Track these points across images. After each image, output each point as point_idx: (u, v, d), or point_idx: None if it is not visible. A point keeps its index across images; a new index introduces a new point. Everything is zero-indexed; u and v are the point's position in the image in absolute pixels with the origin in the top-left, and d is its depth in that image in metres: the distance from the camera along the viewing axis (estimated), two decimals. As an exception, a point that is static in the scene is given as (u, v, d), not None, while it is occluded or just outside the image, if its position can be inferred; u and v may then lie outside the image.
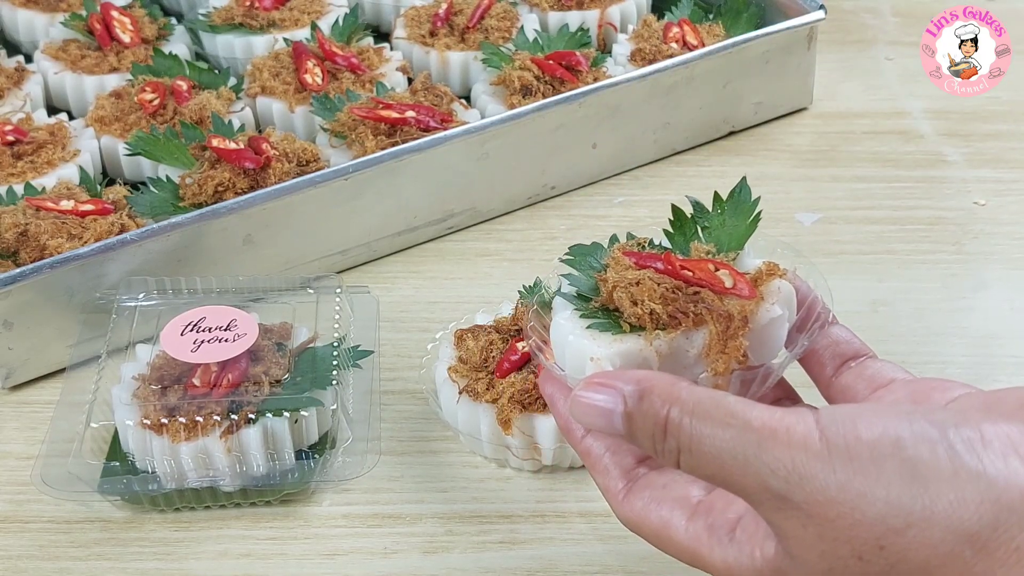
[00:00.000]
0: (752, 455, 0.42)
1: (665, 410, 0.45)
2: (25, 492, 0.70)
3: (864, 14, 1.18)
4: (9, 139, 0.89)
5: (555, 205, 0.93)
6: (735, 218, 0.58)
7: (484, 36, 1.01)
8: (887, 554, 0.41)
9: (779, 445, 0.42)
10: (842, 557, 0.42)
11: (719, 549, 0.47)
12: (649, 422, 0.45)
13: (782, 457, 0.42)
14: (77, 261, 0.76)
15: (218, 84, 0.97)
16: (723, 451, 0.43)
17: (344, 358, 0.72)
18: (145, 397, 0.68)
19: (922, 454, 0.41)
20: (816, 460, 0.41)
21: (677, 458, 0.45)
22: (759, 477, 0.42)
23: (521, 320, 0.72)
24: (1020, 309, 0.83)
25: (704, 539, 0.47)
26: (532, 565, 0.66)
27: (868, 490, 0.41)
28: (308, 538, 0.68)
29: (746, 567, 0.46)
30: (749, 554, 0.45)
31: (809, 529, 0.42)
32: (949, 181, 0.95)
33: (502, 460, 0.71)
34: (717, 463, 0.43)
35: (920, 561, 0.41)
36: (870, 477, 0.41)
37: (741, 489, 0.43)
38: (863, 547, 0.41)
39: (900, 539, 0.40)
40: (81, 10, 1.05)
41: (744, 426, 0.43)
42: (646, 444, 0.46)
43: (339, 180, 0.83)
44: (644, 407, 0.46)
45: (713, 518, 0.48)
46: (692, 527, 0.48)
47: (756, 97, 0.99)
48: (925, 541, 0.40)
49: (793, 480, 0.42)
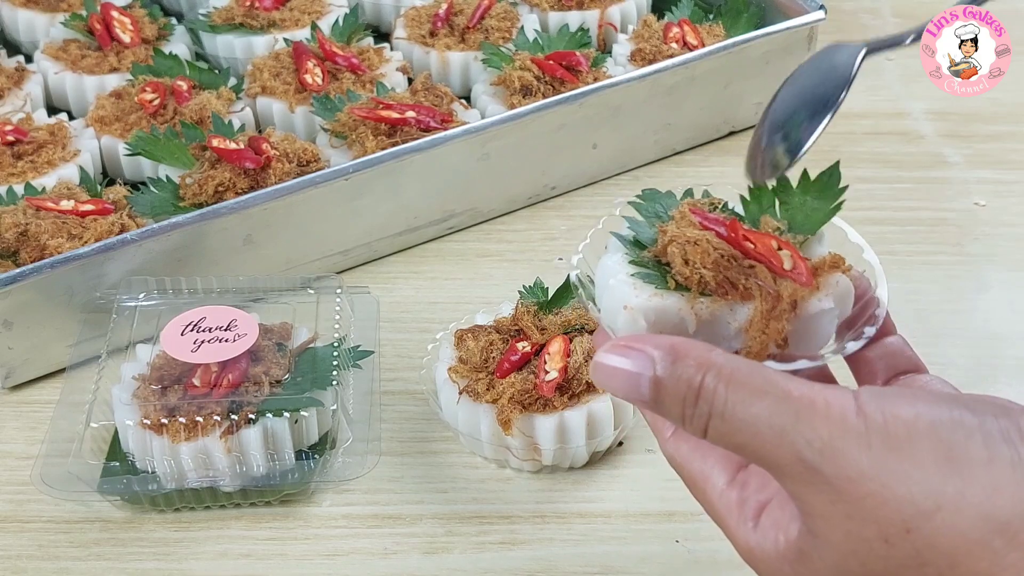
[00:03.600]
0: (789, 425, 0.41)
1: (700, 376, 0.43)
2: (25, 492, 0.70)
3: (864, 14, 1.18)
4: (9, 139, 0.89)
5: (555, 205, 0.93)
6: (817, 201, 0.55)
7: (484, 36, 1.01)
8: (913, 538, 0.40)
9: (817, 417, 0.41)
10: (867, 539, 0.41)
11: (743, 531, 0.46)
12: (682, 387, 0.43)
13: (819, 429, 0.41)
14: (77, 261, 0.76)
15: (218, 84, 0.97)
16: (758, 419, 0.42)
17: (344, 358, 0.72)
18: (145, 397, 0.68)
19: (958, 439, 0.40)
20: (852, 435, 0.41)
21: (706, 424, 0.43)
22: (794, 448, 0.41)
23: (521, 320, 0.72)
24: (1021, 310, 0.83)
25: (733, 512, 0.46)
26: (532, 566, 0.66)
27: (901, 469, 0.40)
28: (308, 538, 0.68)
29: (768, 551, 0.45)
30: (773, 539, 0.45)
31: (837, 507, 0.41)
32: (950, 182, 0.95)
33: (502, 460, 0.71)
34: (751, 431, 0.42)
35: (948, 548, 0.40)
36: (904, 456, 0.40)
37: (772, 461, 0.42)
38: (890, 529, 0.40)
39: (928, 523, 0.40)
40: (81, 10, 1.05)
41: (783, 396, 0.42)
42: (674, 410, 0.44)
43: (339, 180, 0.83)
44: (677, 371, 0.44)
45: (747, 494, 0.46)
46: (727, 493, 0.47)
47: (756, 97, 0.99)
48: (954, 527, 0.39)
49: (827, 453, 0.41)
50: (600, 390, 0.69)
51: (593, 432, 0.69)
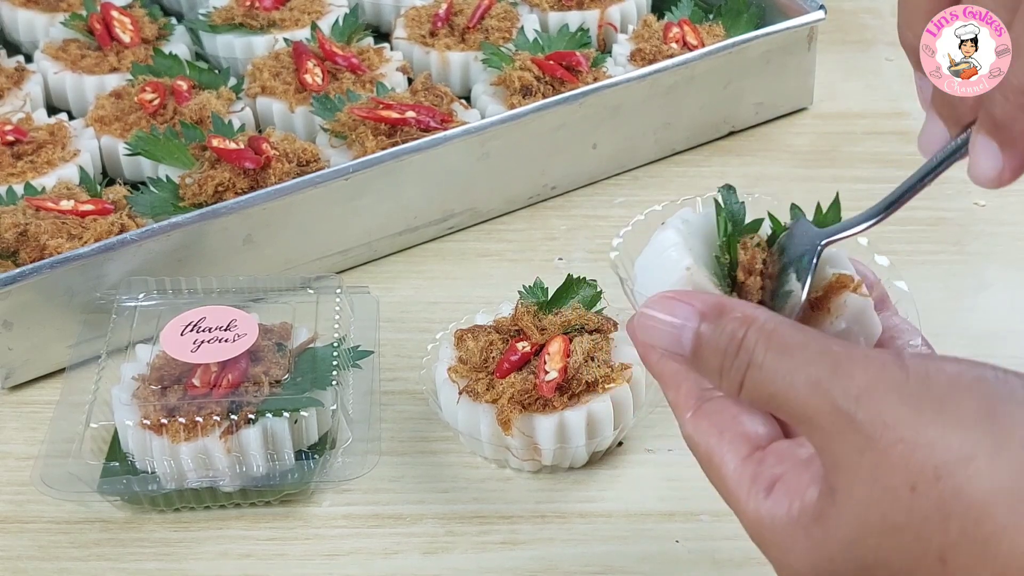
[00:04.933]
0: (825, 376, 0.41)
1: (744, 330, 0.43)
2: (25, 492, 0.70)
3: (864, 14, 1.18)
4: (9, 139, 0.89)
5: (555, 205, 0.93)
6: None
7: (484, 36, 1.01)
8: (942, 487, 0.39)
9: (856, 366, 0.41)
10: (893, 487, 0.40)
11: (753, 501, 0.45)
12: (724, 339, 0.44)
13: (857, 377, 0.41)
14: (77, 261, 0.76)
15: (218, 84, 0.97)
16: (795, 369, 0.42)
17: (344, 358, 0.72)
18: (145, 397, 0.68)
19: (1001, 393, 0.39)
20: (892, 383, 0.40)
21: (743, 377, 0.43)
22: (829, 396, 0.41)
23: (521, 320, 0.72)
24: (1021, 309, 0.83)
25: (745, 485, 0.45)
26: (532, 566, 0.66)
27: (939, 418, 0.39)
28: (308, 538, 0.68)
29: (779, 519, 0.44)
30: (786, 507, 0.43)
31: (865, 456, 0.40)
32: (949, 181, 0.94)
33: (502, 460, 0.71)
34: (786, 381, 0.42)
35: (976, 498, 0.38)
36: (944, 407, 0.39)
37: (804, 412, 0.42)
38: (919, 476, 0.39)
39: (961, 470, 0.38)
40: (81, 10, 1.05)
41: (823, 350, 0.42)
42: (713, 362, 0.44)
43: (339, 180, 0.83)
44: (722, 323, 0.44)
45: (761, 469, 0.45)
46: (741, 469, 0.46)
47: (756, 97, 0.99)
48: (987, 475, 0.38)
49: (863, 399, 0.40)
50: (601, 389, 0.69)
51: (593, 432, 0.69)
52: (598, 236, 0.90)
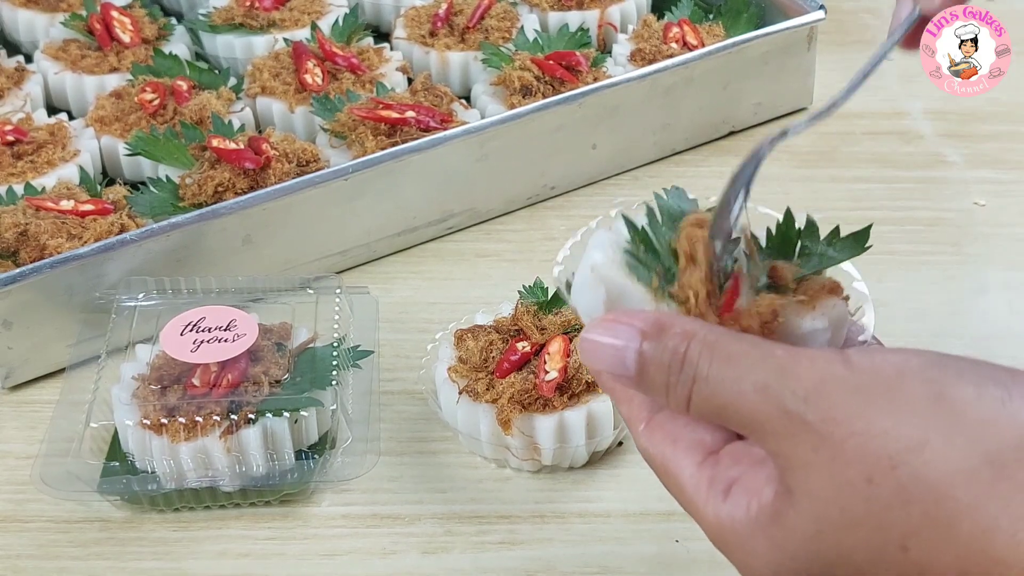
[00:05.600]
0: (772, 380, 0.41)
1: (685, 344, 0.43)
2: (25, 492, 0.70)
3: (864, 14, 1.18)
4: (9, 139, 0.89)
5: (555, 205, 0.93)
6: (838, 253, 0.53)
7: (484, 36, 1.01)
8: (899, 474, 0.39)
9: (802, 367, 0.41)
10: (850, 481, 0.40)
11: (712, 504, 0.45)
12: (667, 356, 0.44)
13: (804, 377, 0.41)
14: (77, 261, 0.76)
15: (218, 84, 0.97)
16: (741, 377, 0.42)
17: (344, 358, 0.72)
18: (145, 397, 0.68)
19: (948, 377, 0.39)
20: (839, 380, 0.40)
21: (690, 390, 0.43)
22: (778, 399, 0.41)
23: (521, 320, 0.72)
24: (1019, 310, 0.83)
25: (703, 490, 0.45)
26: (531, 566, 0.66)
27: (888, 407, 0.39)
28: (307, 538, 0.68)
29: (739, 520, 0.44)
30: (745, 506, 0.43)
31: (820, 453, 0.40)
32: (949, 182, 0.95)
33: (502, 460, 0.71)
34: (734, 390, 0.42)
35: (935, 480, 0.38)
36: (892, 396, 0.39)
37: (754, 419, 0.42)
38: (875, 467, 0.39)
39: (916, 456, 0.39)
40: (81, 10, 1.05)
41: (767, 355, 0.42)
42: (658, 380, 0.44)
43: (339, 180, 0.83)
44: (663, 340, 0.44)
45: (717, 472, 0.46)
46: (697, 475, 0.46)
47: (756, 97, 0.99)
48: (943, 457, 0.38)
49: (812, 399, 0.40)
50: (601, 389, 0.69)
51: (593, 432, 0.69)
52: (598, 236, 0.90)
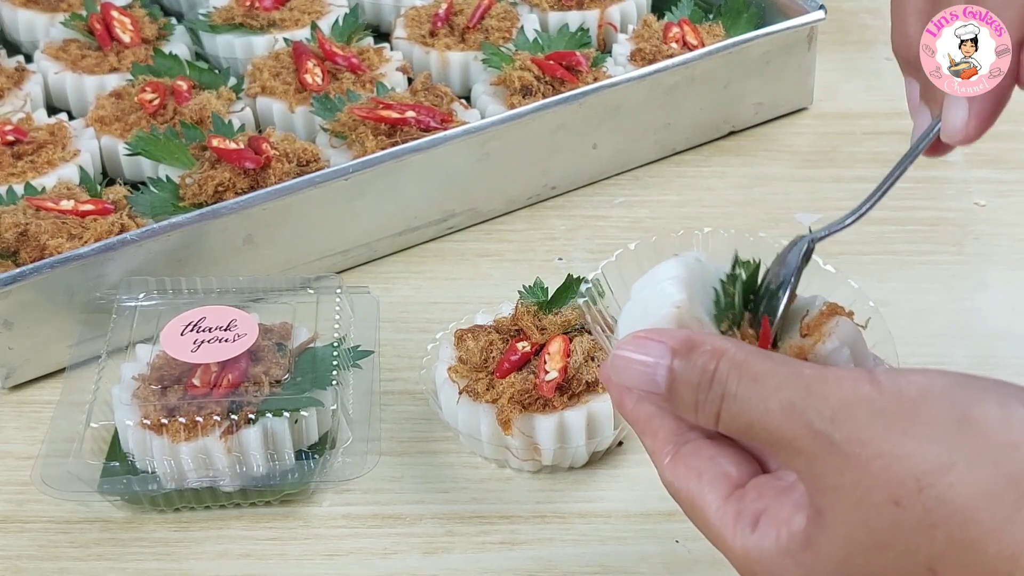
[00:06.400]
0: (799, 399, 0.41)
1: (715, 363, 0.44)
2: (25, 492, 0.70)
3: (864, 14, 1.18)
4: (9, 139, 0.89)
5: (555, 205, 0.93)
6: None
7: (484, 36, 1.01)
8: (925, 497, 0.39)
9: (828, 387, 0.41)
10: (877, 504, 0.40)
11: (740, 537, 0.45)
12: (696, 374, 0.44)
13: (830, 397, 0.41)
14: (77, 261, 0.76)
15: (218, 84, 0.97)
16: (769, 396, 0.42)
17: (344, 358, 0.72)
18: (145, 397, 0.68)
19: (972, 398, 0.40)
20: (864, 401, 0.41)
21: (719, 408, 0.44)
22: (804, 419, 0.41)
23: (521, 320, 0.72)
24: (1021, 310, 0.83)
25: (730, 525, 0.46)
26: (532, 566, 0.66)
27: (914, 429, 0.40)
28: (308, 538, 0.68)
29: (767, 550, 0.44)
30: (774, 536, 0.44)
31: (846, 475, 0.40)
32: (950, 182, 0.95)
33: (502, 460, 0.71)
34: (761, 408, 0.42)
35: (959, 504, 0.39)
36: (918, 418, 0.40)
37: (781, 437, 0.42)
38: (901, 489, 0.39)
39: (942, 479, 0.39)
40: (81, 10, 1.05)
41: (794, 373, 0.42)
42: (688, 398, 0.45)
43: (339, 180, 0.83)
44: (693, 359, 0.44)
45: (743, 505, 0.46)
46: (724, 508, 0.46)
47: (756, 97, 0.99)
48: (967, 481, 0.39)
49: (838, 419, 0.41)
50: (600, 389, 0.69)
51: (593, 432, 0.69)
52: (598, 236, 0.90)
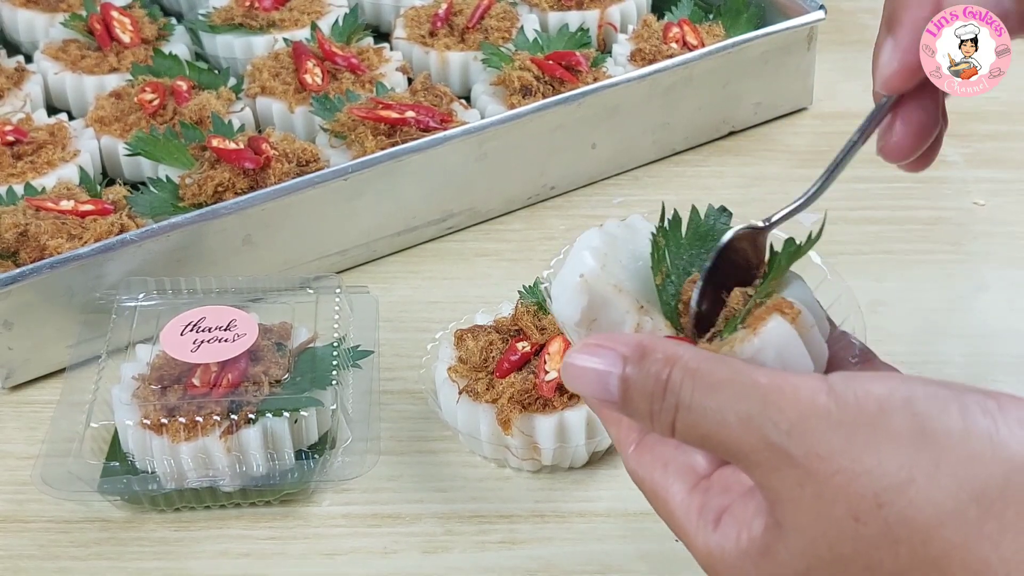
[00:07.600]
0: (756, 411, 0.40)
1: (667, 370, 0.42)
2: (25, 492, 0.70)
3: (864, 14, 1.18)
4: (9, 139, 0.89)
5: (554, 205, 0.93)
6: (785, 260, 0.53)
7: (484, 36, 1.01)
8: (886, 513, 0.38)
9: (785, 399, 0.40)
10: (837, 519, 0.39)
11: (703, 534, 0.44)
12: (649, 382, 0.43)
13: (787, 411, 0.40)
14: (77, 261, 0.76)
15: (218, 84, 0.97)
16: (724, 407, 0.41)
17: (344, 358, 0.72)
18: (145, 397, 0.68)
19: (932, 410, 0.39)
20: (822, 414, 0.39)
21: (674, 418, 0.42)
22: (761, 432, 0.40)
23: (521, 320, 0.72)
24: (1019, 309, 0.83)
25: (693, 518, 0.45)
26: (531, 565, 0.66)
27: (872, 443, 0.38)
28: (308, 538, 0.68)
29: (729, 551, 0.43)
30: (735, 537, 0.43)
31: (806, 488, 0.40)
32: (948, 181, 0.95)
33: (502, 460, 0.72)
34: (717, 419, 0.41)
35: (921, 521, 0.38)
36: (876, 431, 0.39)
37: (739, 449, 0.41)
38: (861, 504, 0.39)
39: (901, 496, 0.38)
40: (81, 10, 1.05)
41: (750, 383, 0.41)
42: (642, 407, 0.43)
43: (339, 180, 0.83)
44: (645, 366, 0.43)
45: (707, 499, 0.45)
46: (688, 500, 0.45)
47: (756, 97, 0.99)
48: (928, 498, 0.38)
49: (795, 433, 0.40)
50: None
51: (593, 432, 0.69)
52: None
